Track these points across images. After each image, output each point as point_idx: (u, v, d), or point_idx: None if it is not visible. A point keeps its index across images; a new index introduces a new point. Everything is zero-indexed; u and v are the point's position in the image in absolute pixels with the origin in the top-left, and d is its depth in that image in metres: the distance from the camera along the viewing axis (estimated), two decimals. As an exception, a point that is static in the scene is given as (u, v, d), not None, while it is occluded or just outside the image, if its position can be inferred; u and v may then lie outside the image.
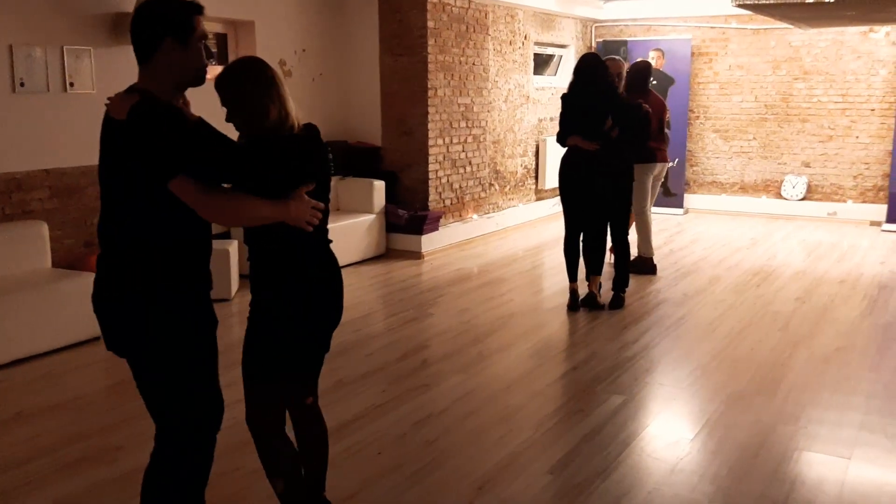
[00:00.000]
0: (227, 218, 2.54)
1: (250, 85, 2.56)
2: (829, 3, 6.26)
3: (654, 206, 10.56)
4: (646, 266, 7.16)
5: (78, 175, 5.89)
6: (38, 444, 3.79)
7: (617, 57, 6.16)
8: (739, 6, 6.47)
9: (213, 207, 2.41)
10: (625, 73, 6.20)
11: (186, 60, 2.41)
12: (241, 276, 6.54)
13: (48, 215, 5.73)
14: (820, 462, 3.63)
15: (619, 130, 5.71)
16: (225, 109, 2.62)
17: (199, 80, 2.47)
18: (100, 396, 4.50)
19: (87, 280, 5.31)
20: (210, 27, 7.21)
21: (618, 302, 6.09)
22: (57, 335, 5.06)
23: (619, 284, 6.15)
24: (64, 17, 5.78)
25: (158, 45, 2.38)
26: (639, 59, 7.43)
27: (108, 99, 2.43)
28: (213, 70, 2.58)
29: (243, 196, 2.46)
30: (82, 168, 5.87)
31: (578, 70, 5.83)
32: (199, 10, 2.45)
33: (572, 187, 5.91)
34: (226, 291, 6.20)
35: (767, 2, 6.50)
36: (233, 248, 6.33)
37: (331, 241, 2.78)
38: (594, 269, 6.08)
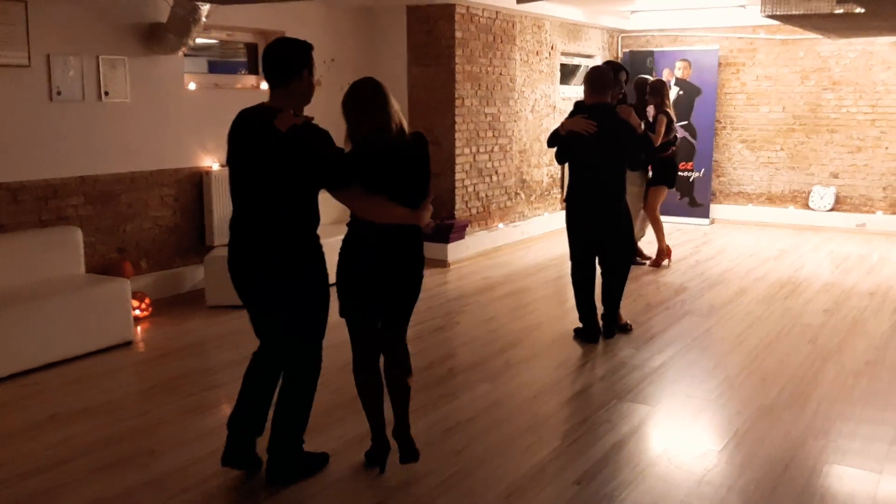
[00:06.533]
0: (374, 216, 3.29)
1: (381, 102, 3.30)
2: (859, 13, 6.21)
3: (681, 216, 10.62)
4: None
5: (112, 182, 5.98)
6: (73, 446, 3.86)
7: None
8: (769, 16, 6.43)
9: (367, 209, 3.28)
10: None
11: (310, 87, 3.32)
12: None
13: (82, 221, 5.83)
14: (850, 476, 3.60)
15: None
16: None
17: (310, 100, 3.36)
18: (132, 400, 4.57)
19: (119, 285, 5.41)
20: (241, 37, 7.31)
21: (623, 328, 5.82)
22: (90, 339, 5.15)
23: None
24: (100, 26, 5.89)
25: (297, 75, 3.24)
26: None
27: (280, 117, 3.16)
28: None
29: (383, 201, 3.28)
30: (116, 175, 5.96)
31: None
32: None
33: None
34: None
35: (797, 12, 6.45)
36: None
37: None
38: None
